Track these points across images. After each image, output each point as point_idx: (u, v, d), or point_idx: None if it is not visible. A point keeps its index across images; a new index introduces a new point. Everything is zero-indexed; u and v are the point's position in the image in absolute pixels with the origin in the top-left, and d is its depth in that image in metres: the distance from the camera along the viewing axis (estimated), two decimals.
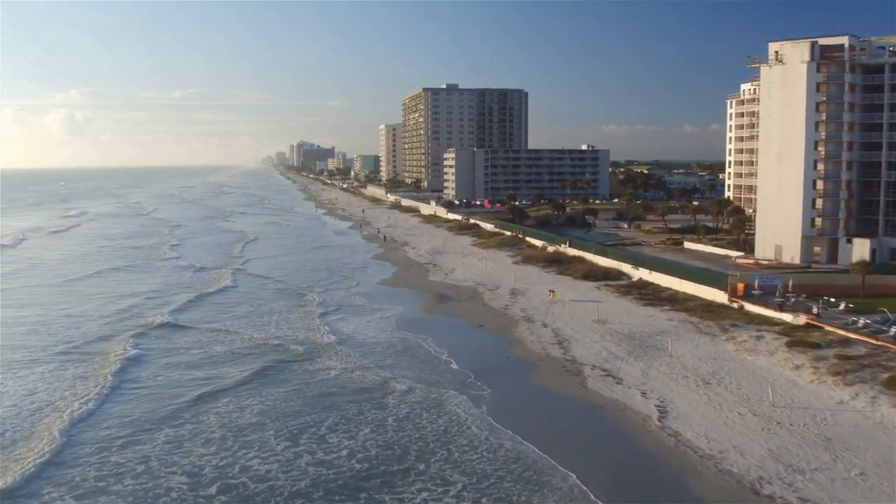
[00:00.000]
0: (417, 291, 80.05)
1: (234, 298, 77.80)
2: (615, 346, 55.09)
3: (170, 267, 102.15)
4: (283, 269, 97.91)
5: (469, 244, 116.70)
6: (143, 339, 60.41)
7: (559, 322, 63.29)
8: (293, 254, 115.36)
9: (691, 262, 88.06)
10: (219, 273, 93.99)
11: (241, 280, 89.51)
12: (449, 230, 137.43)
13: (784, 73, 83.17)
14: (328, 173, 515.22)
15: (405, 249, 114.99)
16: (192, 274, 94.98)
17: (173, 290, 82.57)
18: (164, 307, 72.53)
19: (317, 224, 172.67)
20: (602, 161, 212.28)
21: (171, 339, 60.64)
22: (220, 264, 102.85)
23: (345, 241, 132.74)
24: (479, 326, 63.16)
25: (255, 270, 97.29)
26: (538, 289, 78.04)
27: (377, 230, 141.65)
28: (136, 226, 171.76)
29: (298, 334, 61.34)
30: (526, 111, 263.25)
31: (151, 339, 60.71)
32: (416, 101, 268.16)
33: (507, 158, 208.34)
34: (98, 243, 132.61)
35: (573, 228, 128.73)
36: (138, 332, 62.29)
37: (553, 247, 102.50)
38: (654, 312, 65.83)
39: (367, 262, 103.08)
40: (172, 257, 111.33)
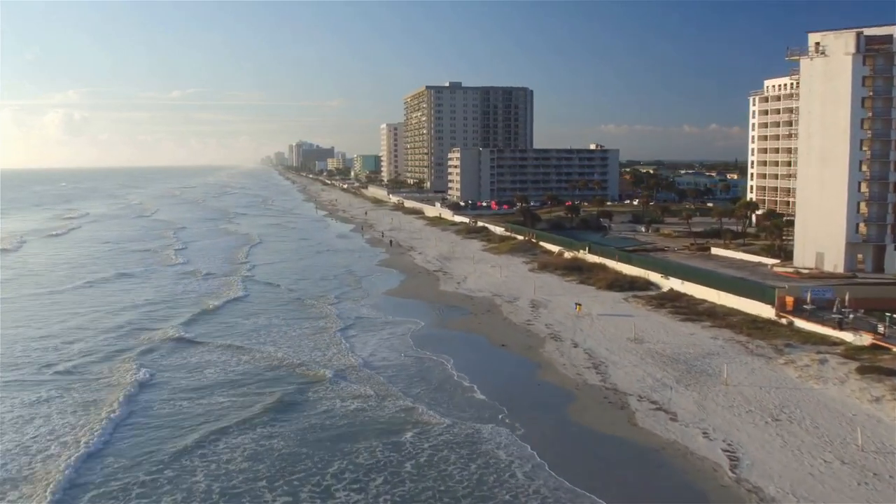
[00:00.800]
0: (429, 303, 73.46)
1: (245, 310, 71.66)
2: (660, 371, 48.54)
3: (177, 273, 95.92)
4: (289, 276, 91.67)
5: (480, 249, 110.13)
6: (153, 358, 54.61)
7: (590, 341, 56.76)
8: (297, 259, 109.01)
9: (724, 270, 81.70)
10: (228, 280, 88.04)
11: (251, 289, 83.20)
12: (456, 233, 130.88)
13: (826, 67, 76.69)
14: (328, 173, 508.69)
15: (412, 255, 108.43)
16: (201, 281, 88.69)
17: (183, 300, 76.83)
18: (174, 319, 66.87)
19: (318, 226, 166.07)
20: (611, 161, 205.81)
21: (183, 356, 54.85)
22: (228, 270, 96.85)
23: (348, 244, 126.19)
24: (502, 345, 56.57)
25: (264, 277, 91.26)
26: (560, 300, 71.56)
27: (381, 234, 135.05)
28: (139, 228, 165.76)
29: (311, 355, 54.82)
30: (531, 110, 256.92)
31: (161, 357, 54.85)
32: (419, 100, 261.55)
33: (513, 158, 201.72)
34: (102, 247, 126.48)
35: (587, 232, 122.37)
36: (147, 349, 56.75)
37: (571, 252, 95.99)
38: (694, 329, 59.31)
39: (372, 269, 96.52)
40: (179, 262, 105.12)
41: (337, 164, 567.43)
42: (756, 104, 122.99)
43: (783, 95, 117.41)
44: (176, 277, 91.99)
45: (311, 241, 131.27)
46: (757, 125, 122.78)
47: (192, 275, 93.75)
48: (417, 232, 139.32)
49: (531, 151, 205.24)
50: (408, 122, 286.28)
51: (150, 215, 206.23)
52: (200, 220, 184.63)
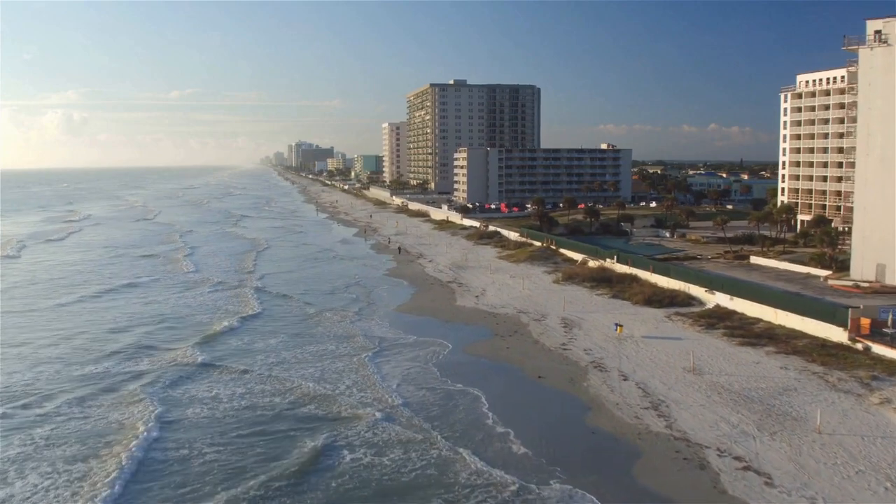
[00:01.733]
0: (448, 322, 65.44)
1: (263, 328, 64.16)
2: (734, 414, 40.59)
3: (187, 282, 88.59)
4: (299, 287, 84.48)
5: (495, 257, 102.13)
6: (166, 388, 47.53)
7: (641, 371, 48.81)
8: (304, 267, 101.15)
9: (771, 282, 73.86)
10: (240, 293, 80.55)
11: (266, 302, 75.38)
12: (467, 239, 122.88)
13: (889, 57, 68.70)
14: (328, 174, 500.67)
15: (421, 263, 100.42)
16: (213, 293, 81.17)
17: (196, 315, 69.61)
18: (187, 339, 59.88)
19: (321, 230, 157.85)
20: (624, 161, 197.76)
21: (200, 387, 47.70)
22: (239, 280, 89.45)
23: (352, 251, 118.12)
24: (539, 377, 48.55)
25: (275, 288, 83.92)
26: (595, 319, 63.64)
27: (388, 240, 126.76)
28: (143, 231, 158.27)
29: (336, 385, 47.42)
30: (538, 109, 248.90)
31: (176, 387, 47.82)
32: (423, 98, 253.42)
33: (522, 158, 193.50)
34: (106, 253, 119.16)
35: (608, 237, 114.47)
36: (159, 377, 49.81)
37: (596, 261, 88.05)
38: (757, 356, 51.37)
39: (380, 280, 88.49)
40: (189, 271, 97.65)
41: (337, 165, 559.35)
42: (788, 100, 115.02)
43: (819, 91, 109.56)
44: (186, 288, 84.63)
45: (315, 247, 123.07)
46: (790, 123, 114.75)
47: (202, 284, 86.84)
48: (425, 237, 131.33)
49: (540, 151, 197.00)
50: (411, 122, 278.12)
51: (153, 218, 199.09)
52: (205, 223, 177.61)
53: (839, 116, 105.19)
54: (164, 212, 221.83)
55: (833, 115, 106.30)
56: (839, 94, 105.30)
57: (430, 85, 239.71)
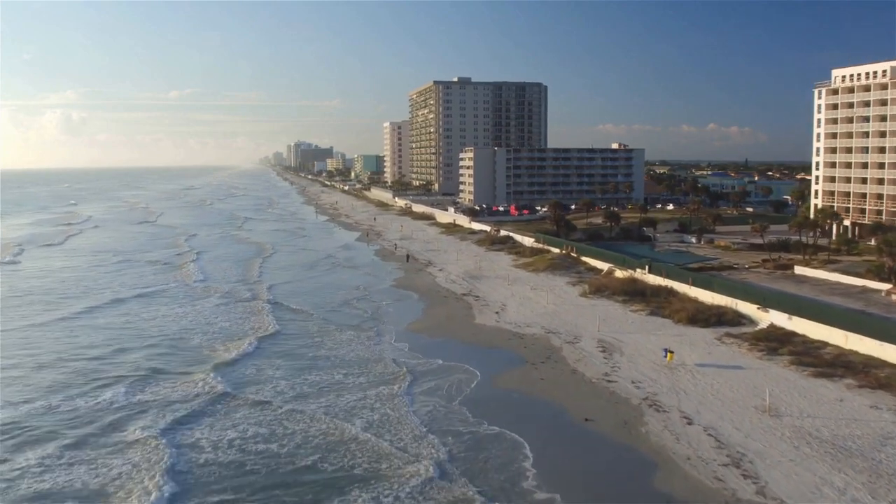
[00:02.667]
0: (469, 344, 57.76)
1: (283, 349, 57.24)
2: (835, 473, 33.00)
3: (195, 292, 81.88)
4: (310, 298, 77.55)
5: (511, 265, 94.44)
6: (181, 426, 40.82)
7: (706, 410, 41.17)
8: (310, 276, 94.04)
9: (824, 297, 66.26)
10: (254, 306, 73.45)
11: (280, 317, 68.30)
12: (478, 244, 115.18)
13: None
14: (327, 174, 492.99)
15: (431, 272, 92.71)
16: (224, 305, 74.32)
17: (210, 332, 62.74)
18: (203, 362, 53.48)
19: (322, 234, 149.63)
20: (636, 161, 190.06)
21: (219, 426, 40.80)
22: (250, 291, 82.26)
23: (356, 257, 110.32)
24: (586, 420, 40.83)
25: (287, 299, 77.04)
26: (635, 341, 56.03)
27: (394, 245, 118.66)
28: (147, 235, 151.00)
29: (368, 421, 40.08)
30: (545, 107, 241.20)
31: (192, 424, 41.10)
32: (426, 96, 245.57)
33: (531, 159, 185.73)
34: (109, 259, 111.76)
35: (630, 243, 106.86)
36: (173, 411, 43.06)
37: (624, 272, 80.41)
38: (838, 392, 43.72)
39: (388, 292, 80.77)
40: (197, 280, 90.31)
41: (336, 165, 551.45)
42: (823, 97, 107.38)
43: (857, 87, 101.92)
44: (196, 299, 77.89)
45: (319, 253, 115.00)
46: (824, 121, 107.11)
47: (212, 294, 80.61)
48: (432, 242, 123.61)
49: (550, 151, 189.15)
50: (413, 120, 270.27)
51: (156, 220, 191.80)
52: (209, 226, 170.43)
53: (881, 114, 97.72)
54: (167, 213, 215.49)
55: (875, 112, 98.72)
56: (881, 89, 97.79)
57: (434, 82, 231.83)
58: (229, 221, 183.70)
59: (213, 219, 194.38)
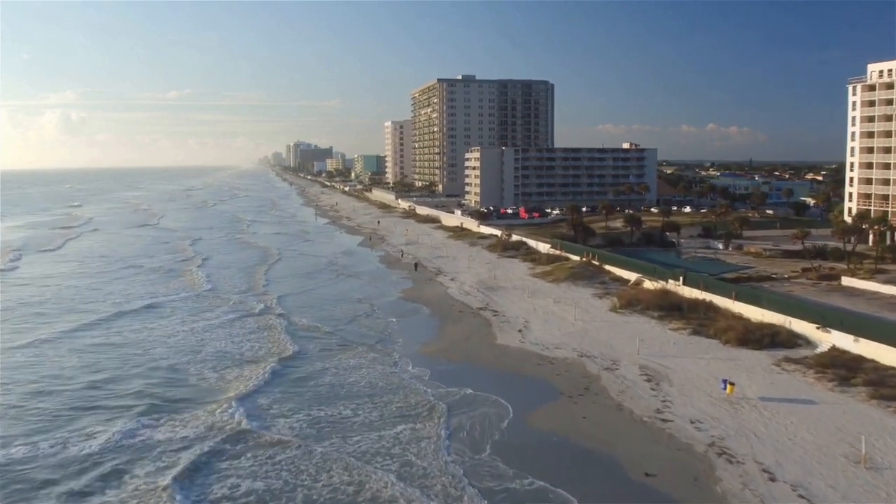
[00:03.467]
0: (493, 370, 51.05)
1: (305, 374, 50.85)
2: None
3: (204, 304, 75.53)
4: (318, 313, 71.01)
5: (528, 274, 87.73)
6: (200, 473, 34.90)
7: (787, 461, 34.52)
8: (317, 285, 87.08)
9: (887, 314, 59.55)
10: (266, 322, 66.84)
11: (295, 335, 61.70)
12: (489, 250, 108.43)
13: None
14: (327, 174, 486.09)
15: (442, 281, 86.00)
16: (236, 320, 67.87)
17: (223, 353, 56.50)
18: (219, 391, 47.25)
19: (325, 239, 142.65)
20: (649, 162, 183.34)
21: (243, 474, 34.76)
22: (260, 302, 75.92)
23: (359, 264, 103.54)
24: (647, 475, 34.11)
25: (297, 313, 70.64)
26: (683, 367, 49.37)
27: (400, 252, 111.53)
28: (149, 238, 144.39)
29: (404, 470, 32.98)
30: (552, 106, 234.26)
31: (210, 476, 34.60)
32: (429, 95, 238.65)
33: (539, 159, 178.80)
34: (111, 266, 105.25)
35: (653, 249, 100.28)
36: (192, 454, 36.89)
37: (654, 282, 73.75)
38: None
39: (397, 305, 74.08)
40: (205, 289, 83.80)
41: (336, 165, 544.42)
42: (858, 93, 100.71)
43: None
44: (204, 311, 71.87)
45: (323, 259, 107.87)
46: (860, 118, 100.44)
47: (220, 305, 74.81)
48: (440, 247, 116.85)
49: (559, 151, 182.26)
50: (416, 120, 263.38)
51: (158, 222, 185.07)
52: (213, 229, 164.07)
53: None
54: (168, 215, 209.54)
55: None
56: None
57: (438, 80, 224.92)
58: (232, 224, 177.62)
59: (216, 221, 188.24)
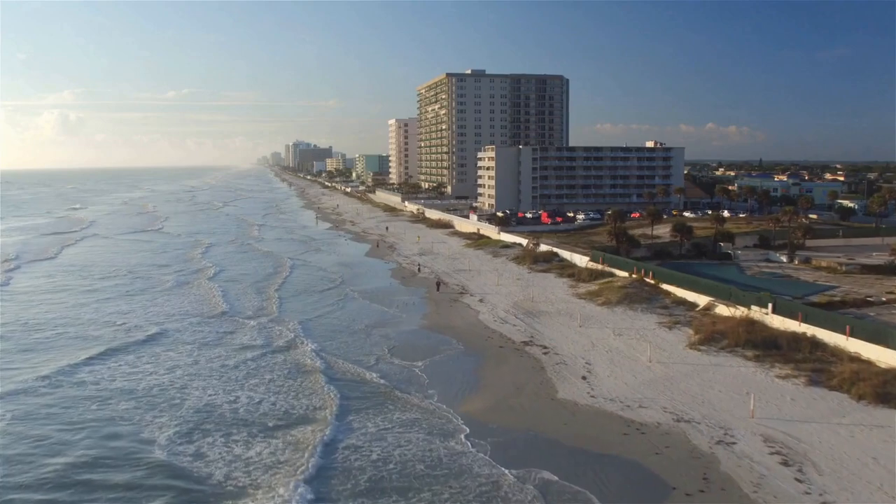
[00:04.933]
0: (564, 445, 37.95)
1: (351, 441, 38.64)
2: None
3: (221, 331, 63.08)
4: (343, 345, 58.42)
5: (570, 294, 74.80)
6: None
7: None
8: (331, 308, 73.00)
9: None
10: (297, 360, 53.73)
11: (332, 377, 49.81)
12: (517, 263, 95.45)
13: None
14: (327, 174, 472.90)
15: (469, 303, 73.08)
16: (265, 355, 55.10)
17: (260, 405, 43.95)
18: (271, 468, 35.19)
19: (330, 247, 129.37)
20: (675, 162, 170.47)
21: None
22: (285, 330, 62.70)
23: (370, 281, 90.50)
24: None
25: (324, 344, 58.32)
26: (822, 438, 36.62)
27: (416, 266, 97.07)
28: (157, 245, 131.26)
29: None
30: (567, 103, 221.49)
31: None
32: (437, 90, 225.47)
33: (559, 158, 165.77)
34: (115, 278, 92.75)
35: (706, 263, 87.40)
36: None
37: (732, 308, 60.86)
38: None
39: (421, 338, 60.89)
40: (221, 313, 70.81)
41: (336, 165, 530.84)
42: None
43: None
44: (223, 344, 58.68)
45: (330, 274, 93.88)
46: None
47: (240, 332, 62.48)
48: (459, 258, 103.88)
49: (580, 150, 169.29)
50: (422, 117, 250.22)
51: (162, 227, 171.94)
52: (219, 234, 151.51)
53: None
54: (172, 218, 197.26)
55: None
56: None
57: (447, 74, 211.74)
58: (239, 228, 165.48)
59: (222, 225, 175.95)
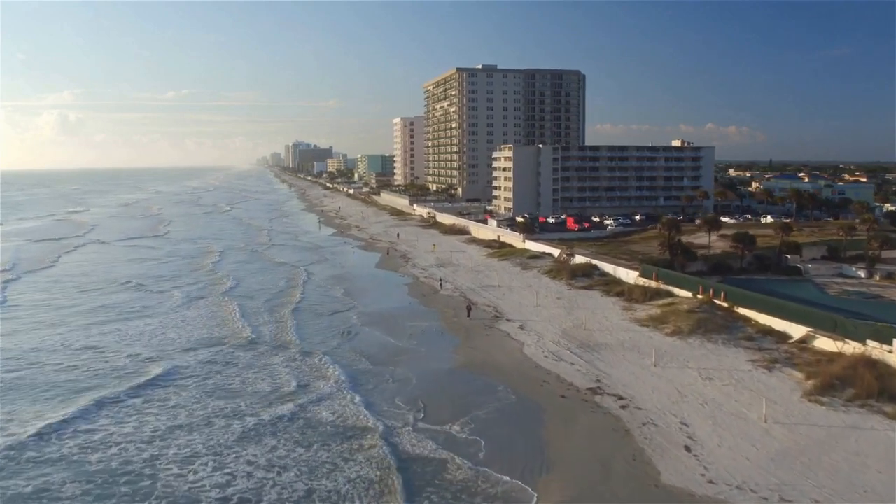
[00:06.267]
0: None
1: None
2: None
3: (253, 369, 52.15)
4: (377, 383, 45.82)
5: (626, 318, 62.89)
6: None
7: None
8: (351, 336, 61.59)
9: None
10: (342, 412, 43.14)
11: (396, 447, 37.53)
12: (551, 277, 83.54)
13: None
14: (328, 175, 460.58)
15: (509, 331, 61.20)
16: (311, 404, 44.65)
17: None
18: None
19: (339, 258, 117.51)
20: (706, 163, 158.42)
21: None
22: (325, 378, 49.67)
23: (384, 296, 78.82)
24: None
25: (366, 389, 46.78)
26: None
27: (438, 281, 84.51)
28: (164, 254, 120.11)
29: None
30: (584, 100, 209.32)
31: None
32: (446, 87, 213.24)
33: (582, 158, 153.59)
34: (119, 294, 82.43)
35: (772, 278, 75.58)
36: None
37: (840, 342, 49.05)
38: None
39: (459, 382, 49.04)
40: (249, 338, 60.53)
41: (337, 166, 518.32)
42: None
43: None
44: (255, 391, 47.45)
45: (340, 292, 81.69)
46: None
47: (272, 376, 50.51)
48: (484, 270, 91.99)
49: (604, 150, 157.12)
50: (430, 115, 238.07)
51: (168, 231, 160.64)
52: (227, 239, 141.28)
53: None
54: (177, 221, 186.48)
55: None
56: None
57: (457, 69, 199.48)
58: (246, 233, 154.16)
59: (229, 229, 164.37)
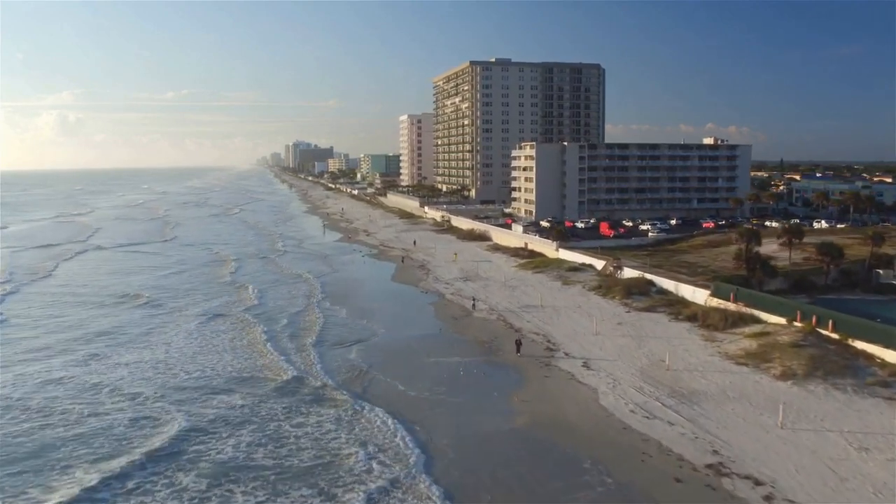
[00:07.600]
0: None
1: None
2: None
3: (301, 425, 41.35)
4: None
5: (714, 353, 51.20)
6: None
7: None
8: (384, 375, 49.91)
9: None
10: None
11: None
12: (601, 295, 71.89)
13: None
14: (329, 175, 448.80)
15: (572, 370, 49.72)
16: None
17: None
18: None
19: (352, 268, 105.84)
20: (741, 162, 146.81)
21: None
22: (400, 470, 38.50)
23: (408, 320, 67.36)
24: None
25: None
26: None
27: (472, 302, 72.01)
28: (176, 262, 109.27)
29: None
30: (604, 96, 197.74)
31: None
32: (458, 81, 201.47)
33: (610, 157, 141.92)
34: (128, 312, 72.45)
35: (864, 298, 63.98)
36: None
37: None
38: None
39: (519, 449, 37.53)
40: (287, 374, 50.58)
41: (338, 166, 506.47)
42: None
43: None
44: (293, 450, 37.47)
45: (350, 313, 71.04)
46: None
47: (331, 439, 39.09)
48: (518, 285, 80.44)
49: (634, 148, 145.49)
50: (439, 112, 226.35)
51: (175, 236, 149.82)
52: (244, 245, 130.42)
53: None
54: (184, 225, 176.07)
55: None
56: None
57: (470, 63, 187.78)
58: (258, 238, 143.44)
59: (240, 233, 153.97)
